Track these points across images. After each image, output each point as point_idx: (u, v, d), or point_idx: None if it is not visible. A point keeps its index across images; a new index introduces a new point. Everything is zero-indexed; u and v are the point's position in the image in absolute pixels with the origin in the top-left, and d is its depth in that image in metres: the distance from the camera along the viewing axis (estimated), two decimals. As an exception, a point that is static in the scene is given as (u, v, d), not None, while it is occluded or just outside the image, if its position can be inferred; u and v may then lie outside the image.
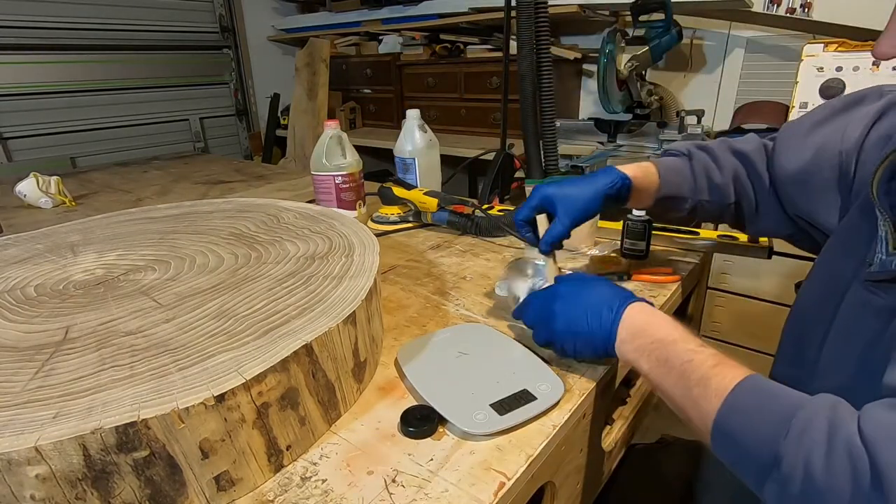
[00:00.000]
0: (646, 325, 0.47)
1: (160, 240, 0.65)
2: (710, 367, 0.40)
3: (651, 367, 0.45)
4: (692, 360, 0.41)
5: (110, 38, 2.21)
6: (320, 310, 0.45)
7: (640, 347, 0.46)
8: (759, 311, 1.41)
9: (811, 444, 0.32)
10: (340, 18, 2.52)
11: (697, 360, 0.41)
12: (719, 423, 0.38)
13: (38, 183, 1.23)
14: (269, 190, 1.36)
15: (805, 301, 0.55)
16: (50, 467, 0.31)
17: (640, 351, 0.46)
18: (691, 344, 0.43)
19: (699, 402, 0.40)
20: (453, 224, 0.92)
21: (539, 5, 0.90)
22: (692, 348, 0.43)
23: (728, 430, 0.37)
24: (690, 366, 0.41)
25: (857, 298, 0.45)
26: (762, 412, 0.36)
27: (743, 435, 0.36)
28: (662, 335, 0.45)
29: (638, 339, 0.46)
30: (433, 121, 2.27)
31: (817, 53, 1.20)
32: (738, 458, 0.37)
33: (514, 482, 0.39)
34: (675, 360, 0.43)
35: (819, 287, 0.53)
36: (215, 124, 2.67)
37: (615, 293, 0.50)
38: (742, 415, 0.37)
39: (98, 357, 0.39)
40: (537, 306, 0.53)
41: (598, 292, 0.50)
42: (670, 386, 0.43)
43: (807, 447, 0.32)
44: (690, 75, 1.88)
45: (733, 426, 0.37)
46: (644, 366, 0.45)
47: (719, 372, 0.39)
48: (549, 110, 0.97)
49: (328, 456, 0.42)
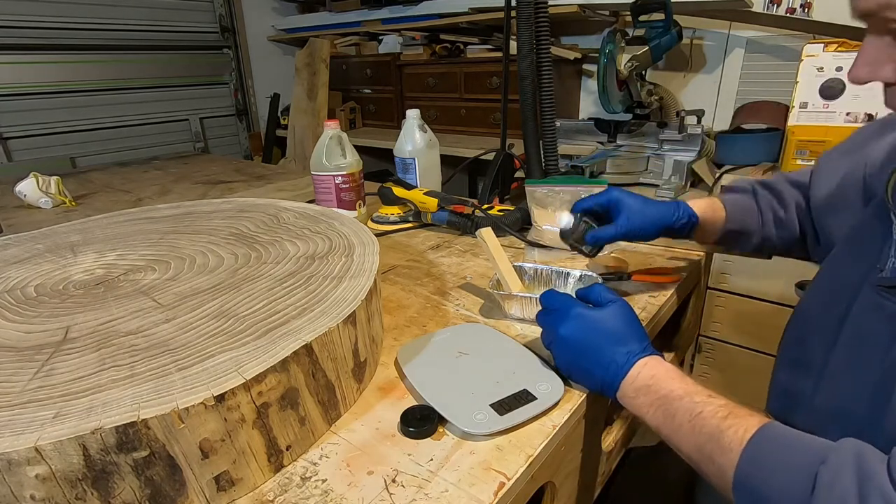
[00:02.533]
0: (651, 382, 0.45)
1: (160, 240, 0.65)
2: (722, 420, 0.39)
3: (658, 423, 0.44)
4: (701, 412, 0.40)
5: (110, 38, 2.21)
6: (320, 310, 0.45)
7: (644, 404, 0.45)
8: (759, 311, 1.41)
9: (842, 498, 0.31)
10: (340, 18, 2.52)
11: (707, 413, 0.40)
12: (740, 480, 0.36)
13: (38, 183, 1.23)
14: (269, 190, 1.36)
15: (810, 305, 0.54)
16: (50, 467, 0.31)
17: (646, 407, 0.45)
18: (699, 397, 0.42)
19: (714, 458, 0.38)
20: (453, 224, 0.92)
21: (539, 5, 0.90)
22: (701, 400, 0.41)
23: (750, 488, 0.36)
24: (700, 420, 0.40)
25: (868, 303, 0.44)
26: (783, 466, 0.34)
27: (767, 491, 0.35)
28: (668, 391, 0.44)
29: (642, 396, 0.45)
30: (433, 121, 2.27)
31: (817, 53, 1.20)
32: None
33: (514, 482, 0.39)
34: (684, 416, 0.41)
35: (826, 292, 0.52)
36: (215, 124, 2.66)
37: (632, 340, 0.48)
38: (762, 471, 0.35)
39: (98, 357, 0.39)
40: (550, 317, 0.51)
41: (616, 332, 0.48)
42: (682, 442, 0.42)
43: (838, 502, 0.31)
44: (690, 75, 1.88)
45: (755, 483, 0.36)
46: (651, 421, 0.45)
47: (731, 424, 0.38)
48: (549, 110, 0.97)
49: (328, 456, 0.42)
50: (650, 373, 0.46)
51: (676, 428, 0.42)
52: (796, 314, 0.55)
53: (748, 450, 0.36)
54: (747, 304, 1.43)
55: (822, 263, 0.55)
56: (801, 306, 0.55)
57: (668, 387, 0.44)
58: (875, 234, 0.46)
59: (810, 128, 1.23)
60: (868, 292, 0.44)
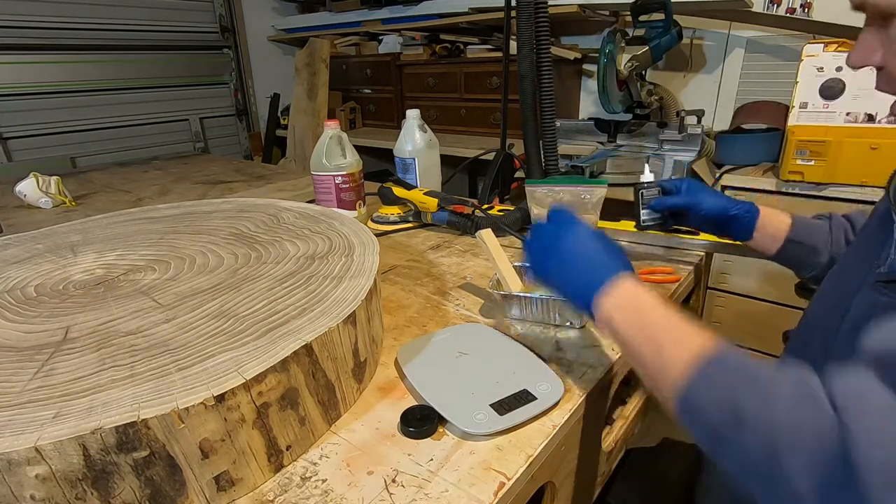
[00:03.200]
0: (627, 294, 0.45)
1: (160, 240, 0.65)
2: (684, 333, 0.40)
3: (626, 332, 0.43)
4: (667, 328, 0.41)
5: (110, 38, 2.21)
6: (320, 310, 0.45)
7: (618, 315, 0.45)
8: (759, 311, 1.41)
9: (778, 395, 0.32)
10: (340, 18, 2.52)
11: (672, 328, 0.41)
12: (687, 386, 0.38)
13: (38, 183, 1.23)
14: (269, 190, 1.36)
15: (815, 309, 0.54)
16: (50, 467, 0.31)
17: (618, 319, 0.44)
18: (670, 312, 0.42)
19: (667, 369, 0.40)
20: (453, 224, 0.92)
21: (539, 5, 0.90)
22: (670, 315, 0.42)
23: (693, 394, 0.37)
24: (665, 334, 0.41)
25: (865, 300, 0.45)
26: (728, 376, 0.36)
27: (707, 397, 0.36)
28: (641, 302, 0.44)
29: (617, 309, 0.45)
30: (433, 121, 2.27)
31: (817, 53, 1.20)
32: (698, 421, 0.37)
33: (514, 482, 0.39)
34: (652, 328, 0.42)
35: (830, 295, 0.53)
36: (215, 124, 2.67)
37: (617, 256, 0.48)
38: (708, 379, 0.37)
39: (98, 357, 0.39)
40: (545, 231, 0.52)
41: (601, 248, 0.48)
42: (643, 353, 0.42)
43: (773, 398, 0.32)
44: (690, 75, 1.88)
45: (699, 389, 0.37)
46: (619, 329, 0.44)
47: (692, 341, 0.39)
48: (549, 110, 0.97)
49: (328, 456, 0.42)
50: (628, 287, 0.45)
51: (640, 340, 0.42)
52: (802, 319, 0.56)
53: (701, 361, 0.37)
54: (747, 304, 1.43)
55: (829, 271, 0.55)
56: (806, 311, 0.56)
57: (642, 300, 0.44)
58: (878, 235, 0.47)
59: (810, 128, 1.23)
60: (866, 291, 0.45)
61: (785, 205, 1.29)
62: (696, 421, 0.37)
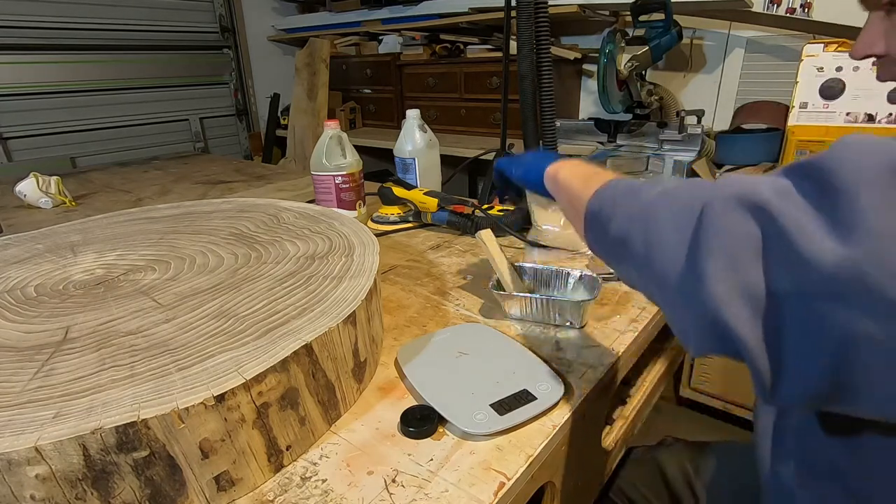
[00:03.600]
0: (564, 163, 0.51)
1: (160, 240, 0.65)
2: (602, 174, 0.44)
3: (562, 190, 0.49)
4: (589, 172, 0.46)
5: (110, 38, 2.21)
6: (320, 310, 0.45)
7: (558, 178, 0.50)
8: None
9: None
10: (340, 18, 2.52)
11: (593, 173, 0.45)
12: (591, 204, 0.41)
13: (38, 183, 1.23)
14: (269, 190, 1.36)
15: None
16: (50, 467, 0.31)
17: (558, 181, 0.50)
18: (599, 169, 0.47)
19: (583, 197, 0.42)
20: (453, 224, 0.92)
21: (539, 5, 0.90)
22: (596, 168, 0.47)
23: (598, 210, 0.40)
24: (588, 174, 0.45)
25: None
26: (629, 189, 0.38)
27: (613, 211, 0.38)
28: (574, 163, 0.50)
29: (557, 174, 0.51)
30: (433, 121, 2.27)
31: (817, 53, 1.20)
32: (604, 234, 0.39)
33: (514, 482, 0.39)
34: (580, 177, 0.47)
35: None
36: (215, 124, 2.67)
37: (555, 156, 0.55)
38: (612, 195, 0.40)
39: (98, 357, 0.39)
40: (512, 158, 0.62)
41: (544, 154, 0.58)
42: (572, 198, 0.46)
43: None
44: (690, 75, 1.88)
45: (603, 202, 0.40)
46: (559, 185, 0.49)
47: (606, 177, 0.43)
48: (549, 110, 0.97)
49: (328, 456, 0.42)
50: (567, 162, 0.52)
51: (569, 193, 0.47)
52: None
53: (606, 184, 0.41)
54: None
55: None
56: None
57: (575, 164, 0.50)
58: None
59: (810, 128, 1.23)
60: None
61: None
62: (598, 236, 0.40)
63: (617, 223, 0.37)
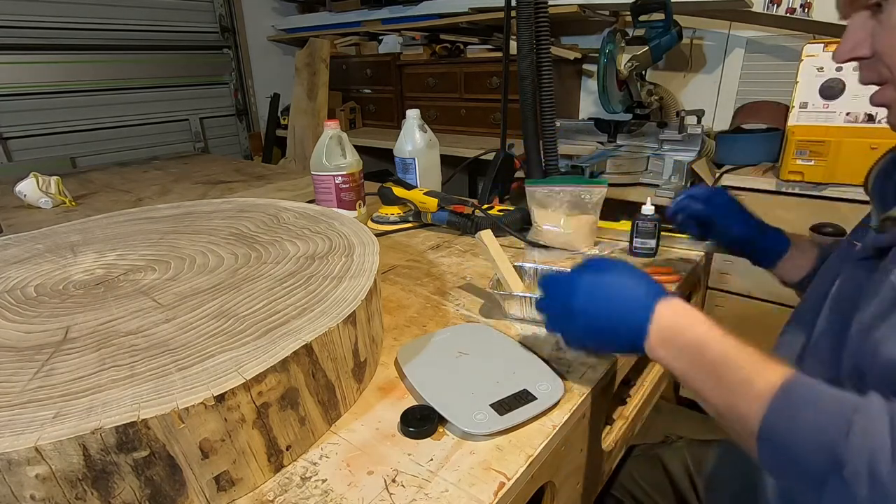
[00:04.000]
0: (677, 328, 0.43)
1: (160, 240, 0.65)
2: (750, 368, 0.38)
3: (685, 369, 0.42)
4: (728, 362, 0.39)
5: (110, 38, 2.21)
6: (320, 310, 0.45)
7: (673, 351, 0.43)
8: (759, 311, 1.41)
9: (875, 446, 0.31)
10: (340, 18, 2.52)
11: (735, 362, 0.39)
12: (767, 426, 0.36)
13: (38, 183, 1.23)
14: (269, 190, 1.36)
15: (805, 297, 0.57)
16: (50, 467, 0.31)
17: (674, 355, 0.43)
18: (728, 345, 0.40)
19: (740, 406, 0.38)
20: (453, 224, 0.92)
21: (539, 5, 0.90)
22: (729, 349, 0.40)
23: (776, 434, 0.35)
24: (727, 368, 0.39)
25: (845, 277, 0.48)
26: (814, 414, 0.34)
27: (795, 439, 0.34)
28: (695, 336, 0.42)
29: (669, 344, 0.43)
30: (433, 121, 2.27)
31: (817, 53, 1.20)
32: (790, 464, 0.35)
33: (514, 482, 0.39)
34: (712, 363, 0.40)
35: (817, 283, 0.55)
36: (215, 124, 2.66)
37: (644, 291, 0.45)
38: (791, 418, 0.35)
39: (98, 357, 0.39)
40: (554, 298, 0.49)
41: (625, 289, 0.45)
42: (708, 389, 0.40)
43: (870, 449, 0.31)
44: (690, 75, 1.88)
45: (782, 430, 0.35)
46: (678, 368, 0.43)
47: (761, 372, 0.37)
48: (549, 110, 0.97)
49: (328, 456, 0.42)
50: (676, 318, 0.43)
51: (703, 377, 0.41)
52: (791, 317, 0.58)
53: (777, 398, 0.35)
54: (747, 304, 1.43)
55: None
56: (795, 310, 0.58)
57: (694, 333, 0.42)
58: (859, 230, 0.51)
59: (810, 128, 1.23)
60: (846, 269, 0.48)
61: (785, 205, 1.28)
62: (782, 461, 0.36)
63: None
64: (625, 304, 0.45)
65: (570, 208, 0.82)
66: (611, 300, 0.45)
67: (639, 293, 0.45)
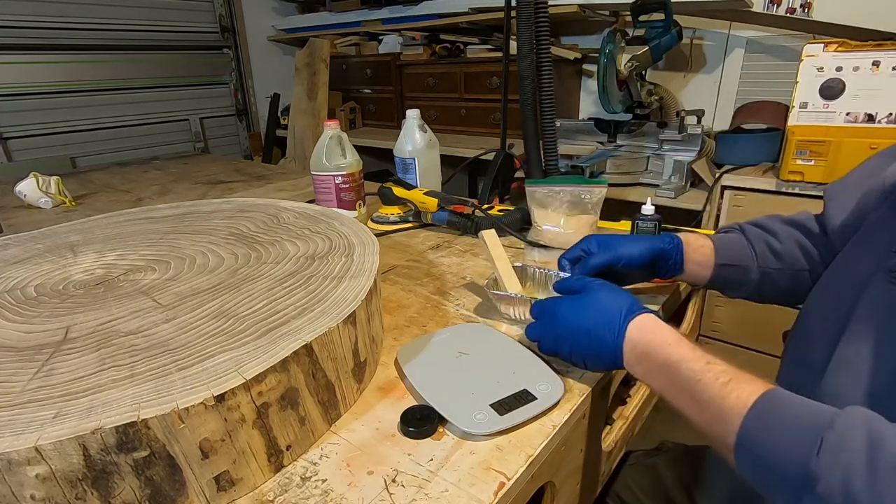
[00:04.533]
0: (649, 348, 0.45)
1: (160, 240, 0.65)
2: (723, 385, 0.39)
3: (662, 388, 0.44)
4: (701, 379, 0.40)
5: (110, 38, 2.21)
6: (320, 310, 0.45)
7: (648, 371, 0.46)
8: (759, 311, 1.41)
9: (849, 462, 0.30)
10: (340, 18, 2.52)
11: (707, 380, 0.40)
12: (742, 441, 0.36)
13: (38, 183, 1.23)
14: (269, 190, 1.36)
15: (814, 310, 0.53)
16: (50, 467, 0.31)
17: (649, 374, 0.46)
18: (698, 364, 0.41)
19: (715, 423, 0.38)
20: (453, 224, 0.92)
21: (539, 5, 0.90)
22: (699, 368, 0.41)
23: (751, 448, 0.36)
24: (700, 386, 0.40)
25: (878, 291, 0.43)
26: (788, 428, 0.34)
27: (769, 453, 0.34)
28: (666, 356, 0.44)
29: (644, 363, 0.46)
30: (433, 121, 2.27)
31: (817, 53, 1.20)
32: (766, 479, 0.35)
33: (514, 482, 0.39)
34: (685, 382, 0.41)
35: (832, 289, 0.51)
36: (215, 124, 2.67)
37: (616, 309, 0.48)
38: (765, 432, 0.35)
39: (98, 357, 0.39)
40: (541, 325, 0.52)
41: (598, 311, 0.49)
42: (685, 407, 0.42)
43: (844, 465, 0.30)
44: (690, 75, 1.88)
45: (756, 444, 0.35)
46: (655, 386, 0.45)
47: (733, 389, 0.38)
48: (549, 110, 0.97)
49: (328, 456, 0.42)
50: (647, 338, 0.46)
51: (679, 393, 0.42)
52: (801, 315, 0.55)
53: (751, 413, 0.36)
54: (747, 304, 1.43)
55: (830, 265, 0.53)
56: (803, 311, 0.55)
57: (665, 353, 0.44)
58: (887, 224, 0.46)
59: (810, 128, 1.23)
60: (880, 281, 0.43)
61: (785, 205, 1.29)
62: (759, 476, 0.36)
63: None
64: (598, 327, 0.48)
65: (570, 208, 0.82)
66: (587, 325, 0.49)
67: (612, 315, 0.48)
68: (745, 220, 0.67)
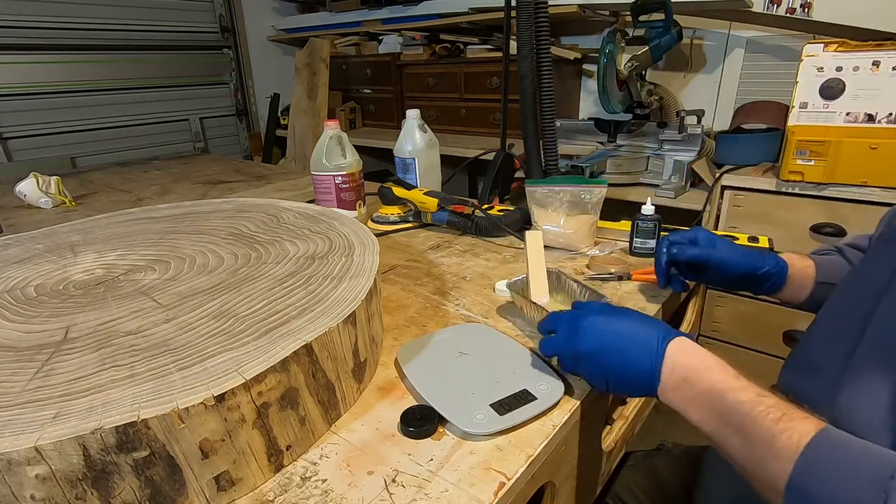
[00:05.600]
0: (690, 372, 0.42)
1: (160, 240, 0.65)
2: (774, 423, 0.36)
3: (703, 419, 0.40)
4: (749, 412, 0.37)
5: (110, 38, 2.21)
6: (320, 310, 0.45)
7: (687, 399, 0.41)
8: (759, 311, 1.41)
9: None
10: (340, 18, 2.52)
11: (757, 414, 0.37)
12: (795, 486, 0.33)
13: (38, 183, 1.23)
14: (269, 190, 1.36)
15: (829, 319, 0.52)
16: (50, 467, 0.31)
17: (689, 402, 0.41)
18: (747, 393, 0.38)
19: (765, 463, 0.36)
20: (453, 224, 0.92)
21: (539, 5, 0.90)
22: (749, 399, 0.38)
23: (805, 496, 0.33)
24: (748, 420, 0.37)
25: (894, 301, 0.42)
26: (847, 473, 0.32)
27: (827, 500, 0.32)
28: (710, 384, 0.40)
29: (684, 389, 0.42)
30: (433, 121, 2.27)
31: (817, 53, 1.20)
32: None
33: (514, 482, 0.39)
34: (732, 414, 0.38)
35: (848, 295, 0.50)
36: (215, 124, 2.67)
37: (651, 330, 0.45)
38: (821, 481, 0.33)
39: (98, 357, 0.39)
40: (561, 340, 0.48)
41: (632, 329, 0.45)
42: (727, 441, 0.39)
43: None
44: (690, 75, 1.88)
45: (812, 490, 0.33)
46: (694, 416, 0.41)
47: (785, 427, 0.35)
48: (549, 110, 0.97)
49: (328, 456, 0.42)
50: (686, 362, 0.42)
51: (723, 426, 0.39)
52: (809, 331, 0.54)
53: (804, 456, 0.33)
54: (747, 304, 1.43)
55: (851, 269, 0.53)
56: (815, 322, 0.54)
57: (708, 380, 0.40)
58: None
59: (810, 128, 1.23)
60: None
61: (785, 205, 1.28)
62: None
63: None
64: (632, 345, 0.44)
65: (570, 208, 0.82)
66: (618, 343, 0.45)
67: (647, 335, 0.44)
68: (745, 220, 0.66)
